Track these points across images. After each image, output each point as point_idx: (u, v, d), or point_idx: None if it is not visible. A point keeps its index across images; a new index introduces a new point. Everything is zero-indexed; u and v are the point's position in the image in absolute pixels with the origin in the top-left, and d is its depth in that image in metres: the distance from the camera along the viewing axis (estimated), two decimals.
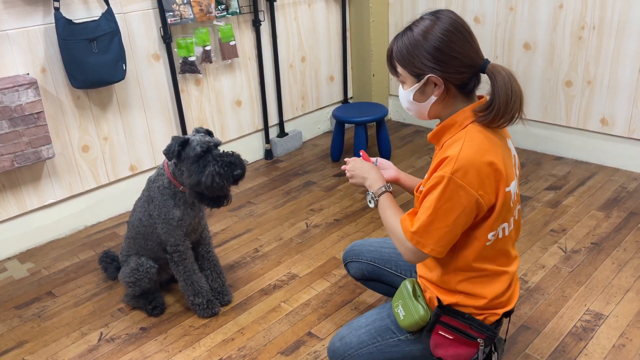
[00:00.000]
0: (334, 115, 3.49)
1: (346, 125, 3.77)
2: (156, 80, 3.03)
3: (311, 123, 4.02)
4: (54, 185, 2.79)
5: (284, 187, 3.29)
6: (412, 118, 4.15)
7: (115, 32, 2.65)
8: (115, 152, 2.97)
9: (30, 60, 2.56)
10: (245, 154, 3.44)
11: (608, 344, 1.93)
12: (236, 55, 3.27)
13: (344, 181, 3.30)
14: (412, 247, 1.38)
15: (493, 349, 1.51)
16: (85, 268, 2.60)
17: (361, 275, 1.89)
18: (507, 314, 1.51)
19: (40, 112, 2.49)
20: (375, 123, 3.56)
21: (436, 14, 1.35)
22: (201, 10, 2.99)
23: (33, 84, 2.44)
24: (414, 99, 1.41)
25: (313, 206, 3.04)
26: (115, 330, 2.17)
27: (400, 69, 1.40)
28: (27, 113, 2.45)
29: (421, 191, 1.39)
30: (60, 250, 2.77)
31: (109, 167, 2.97)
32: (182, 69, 3.08)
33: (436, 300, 1.47)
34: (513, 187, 1.39)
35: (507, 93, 1.30)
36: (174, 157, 1.93)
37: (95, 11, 2.70)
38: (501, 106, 1.31)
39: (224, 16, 3.15)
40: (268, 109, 3.65)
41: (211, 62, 3.17)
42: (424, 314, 1.45)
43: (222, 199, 2.00)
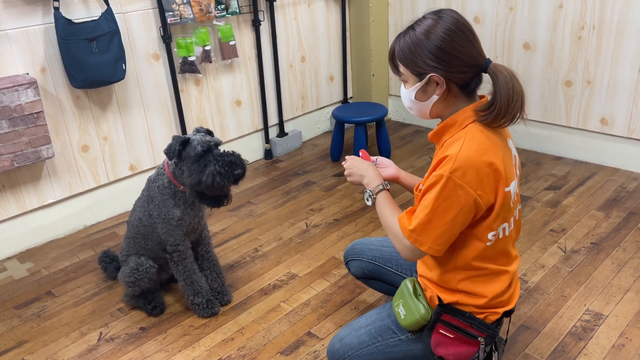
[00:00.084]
0: (334, 115, 3.49)
1: (346, 125, 3.77)
2: (156, 80, 3.03)
3: (311, 123, 4.02)
4: (54, 185, 2.79)
5: (284, 187, 3.29)
6: (412, 118, 4.15)
7: (115, 32, 2.65)
8: (115, 152, 2.97)
9: (29, 60, 2.56)
10: (245, 154, 3.44)
11: (608, 344, 1.93)
12: (236, 55, 3.27)
13: (344, 181, 3.30)
14: (410, 245, 1.38)
15: (493, 349, 1.51)
16: (84, 268, 2.59)
17: (362, 273, 1.89)
18: (508, 314, 1.51)
19: (39, 112, 2.49)
20: (375, 123, 3.56)
21: (439, 14, 1.35)
22: (201, 10, 2.99)
23: (33, 84, 2.44)
24: (416, 98, 1.41)
25: (313, 206, 3.04)
26: (114, 330, 2.17)
27: (402, 68, 1.40)
28: (27, 113, 2.45)
29: (420, 190, 1.39)
30: (59, 250, 2.76)
31: (109, 167, 2.97)
32: (182, 69, 3.08)
33: (437, 299, 1.47)
34: (513, 187, 1.39)
35: (509, 93, 1.30)
36: (175, 157, 1.93)
37: (95, 11, 2.70)
38: (502, 106, 1.31)
39: (224, 16, 3.15)
40: (268, 109, 3.65)
41: (211, 62, 3.17)
42: (425, 313, 1.45)
43: (223, 199, 2.00)
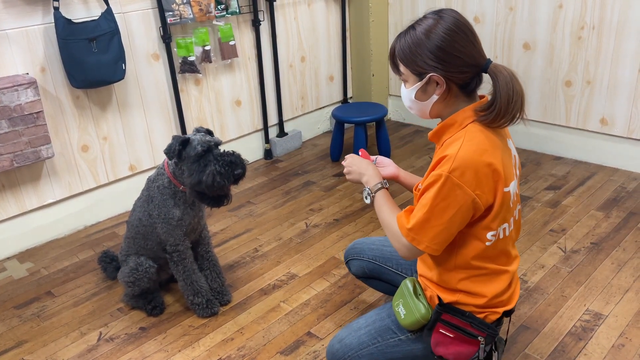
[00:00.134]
0: (334, 115, 3.49)
1: (346, 125, 3.77)
2: (156, 80, 3.03)
3: (311, 123, 4.01)
4: (54, 185, 2.79)
5: (284, 187, 3.29)
6: (412, 118, 4.15)
7: (114, 32, 2.65)
8: (114, 152, 2.97)
9: (29, 59, 2.56)
10: (244, 154, 3.43)
11: (607, 344, 1.93)
12: (236, 55, 3.27)
13: (344, 181, 3.30)
14: (407, 244, 1.38)
15: (493, 348, 1.51)
16: (84, 268, 2.59)
17: (362, 273, 1.89)
18: (508, 314, 1.51)
19: (39, 112, 2.49)
20: (374, 123, 3.56)
21: (439, 13, 1.35)
22: (201, 10, 2.99)
23: (32, 84, 2.44)
24: (416, 98, 1.41)
25: (312, 206, 3.04)
26: (114, 330, 2.17)
27: (402, 68, 1.40)
28: (27, 113, 2.45)
29: (419, 189, 1.39)
30: (59, 250, 2.76)
31: (109, 167, 2.97)
32: (182, 69, 3.08)
33: (437, 298, 1.47)
34: (512, 188, 1.39)
35: (509, 93, 1.31)
36: (175, 157, 1.93)
37: (94, 11, 2.70)
38: (502, 106, 1.31)
39: (224, 16, 3.15)
40: (268, 109, 3.65)
41: (211, 62, 3.17)
42: (425, 312, 1.46)
43: (223, 199, 2.00)
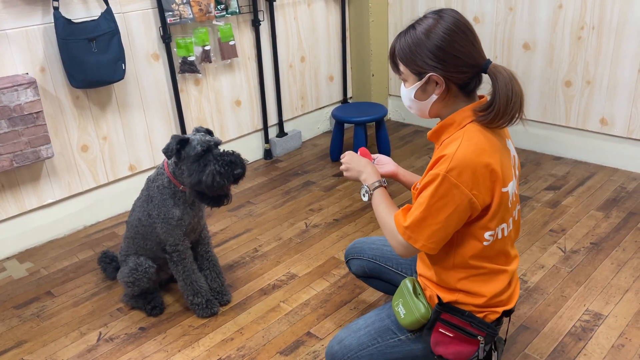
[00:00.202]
0: (334, 115, 3.49)
1: (346, 125, 3.77)
2: (155, 80, 3.03)
3: (310, 123, 4.01)
4: (53, 185, 2.79)
5: (284, 187, 3.29)
6: (412, 118, 4.15)
7: (114, 32, 2.65)
8: (114, 152, 2.97)
9: (29, 59, 2.56)
10: (244, 154, 3.43)
11: (607, 344, 1.93)
12: (235, 55, 3.27)
13: (344, 181, 3.30)
14: (404, 242, 1.39)
15: (493, 348, 1.51)
16: (84, 268, 2.59)
17: (362, 272, 1.89)
18: (507, 313, 1.51)
19: (39, 112, 2.49)
20: (374, 123, 3.56)
21: (439, 13, 1.36)
22: (200, 10, 2.99)
23: (32, 84, 2.44)
24: (415, 97, 1.41)
25: (312, 206, 3.03)
26: (114, 330, 2.17)
27: (402, 67, 1.40)
28: (26, 113, 2.45)
29: (417, 188, 1.40)
30: (59, 250, 2.76)
31: (108, 167, 2.97)
32: (182, 69, 3.08)
33: (436, 298, 1.48)
34: (511, 188, 1.39)
35: (508, 94, 1.31)
36: (173, 156, 1.93)
37: (94, 11, 2.70)
38: (501, 106, 1.32)
39: (224, 16, 3.15)
40: (267, 109, 3.65)
41: (210, 62, 3.17)
42: (425, 312, 1.46)
43: (223, 198, 2.00)
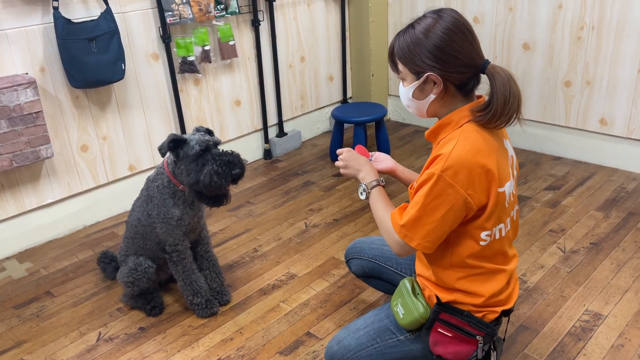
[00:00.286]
0: (333, 115, 3.49)
1: (345, 125, 3.77)
2: (155, 80, 3.03)
3: (310, 123, 4.01)
4: (53, 185, 2.79)
5: (283, 187, 3.29)
6: (411, 118, 4.15)
7: (114, 32, 2.65)
8: (114, 152, 2.97)
9: (29, 59, 2.56)
10: (244, 154, 3.44)
11: (607, 344, 1.93)
12: (235, 55, 3.27)
13: (343, 181, 3.30)
14: (400, 241, 1.39)
15: (492, 348, 1.51)
16: (83, 268, 2.59)
17: (362, 272, 1.89)
18: (506, 313, 1.52)
19: (39, 112, 2.49)
20: (374, 123, 3.56)
21: (439, 13, 1.36)
22: (200, 10, 2.99)
23: (32, 84, 2.44)
24: (413, 97, 1.42)
25: (312, 206, 3.03)
26: (113, 330, 2.17)
27: (401, 66, 1.41)
28: (26, 113, 2.45)
29: (414, 187, 1.40)
30: (59, 250, 2.76)
31: (108, 167, 2.97)
32: (181, 69, 3.08)
33: (435, 298, 1.48)
34: (508, 188, 1.39)
35: (505, 94, 1.31)
36: (168, 153, 1.94)
37: (94, 11, 2.70)
38: (499, 107, 1.32)
39: (223, 16, 3.15)
40: (267, 109, 3.65)
41: (210, 62, 3.17)
42: (424, 312, 1.46)
43: (221, 198, 2.00)
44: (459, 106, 1.39)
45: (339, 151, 1.67)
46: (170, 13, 2.90)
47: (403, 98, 1.46)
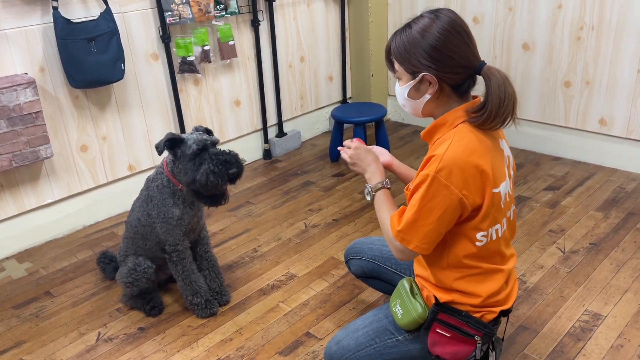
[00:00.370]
0: (333, 115, 3.49)
1: (345, 125, 3.77)
2: (155, 80, 3.03)
3: (310, 123, 4.01)
4: (52, 185, 2.79)
5: (283, 187, 3.29)
6: (411, 118, 4.15)
7: (114, 32, 2.65)
8: (113, 152, 2.97)
9: (28, 59, 2.56)
10: (243, 154, 3.44)
11: (606, 345, 1.93)
12: (235, 55, 3.27)
13: (343, 181, 3.30)
14: (399, 246, 1.40)
15: (491, 348, 1.51)
16: (83, 268, 2.59)
17: (362, 272, 1.89)
18: (505, 313, 1.51)
19: (38, 112, 2.49)
20: (374, 123, 3.56)
21: (436, 13, 1.36)
22: (200, 10, 2.99)
23: (31, 84, 2.44)
24: (409, 96, 1.42)
25: (312, 206, 3.03)
26: (113, 330, 2.17)
27: (397, 65, 1.41)
28: (26, 112, 2.45)
29: (410, 189, 1.40)
30: (58, 250, 2.76)
31: (108, 167, 2.97)
32: (181, 69, 3.08)
33: (433, 298, 1.48)
34: (503, 188, 1.39)
35: (500, 96, 1.31)
36: (164, 152, 1.94)
37: (93, 11, 2.70)
38: (494, 108, 1.32)
39: (223, 16, 3.15)
40: (267, 109, 3.65)
41: (210, 62, 3.17)
42: (422, 312, 1.46)
43: (219, 198, 1.99)
44: (454, 106, 1.39)
45: (347, 143, 1.66)
46: (169, 13, 2.90)
47: (399, 97, 1.46)
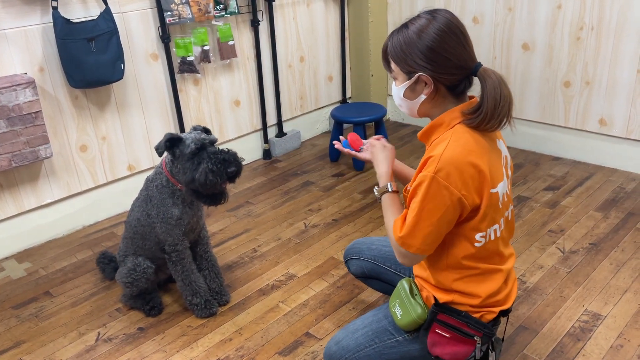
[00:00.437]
0: (333, 115, 3.49)
1: (345, 125, 3.77)
2: (154, 80, 3.03)
3: (310, 123, 4.01)
4: (52, 184, 2.79)
5: (283, 187, 3.28)
6: (411, 118, 4.15)
7: (113, 32, 2.65)
8: (113, 152, 2.97)
9: (28, 59, 2.56)
10: (243, 154, 3.44)
11: (606, 345, 1.93)
12: (235, 55, 3.27)
13: (343, 181, 3.30)
14: (403, 250, 1.40)
15: (490, 348, 1.51)
16: (82, 268, 2.59)
17: (361, 273, 1.89)
18: (505, 313, 1.51)
19: (38, 112, 2.48)
20: (373, 123, 3.56)
21: (433, 13, 1.36)
22: (200, 10, 2.99)
23: (31, 84, 2.44)
24: (405, 96, 1.42)
25: (311, 206, 3.03)
26: (112, 330, 2.17)
27: (393, 65, 1.41)
28: (25, 112, 2.45)
29: (409, 191, 1.40)
30: (58, 250, 2.76)
31: (107, 167, 2.97)
32: (181, 69, 3.08)
33: (433, 298, 1.48)
34: (501, 188, 1.39)
35: (496, 97, 1.31)
36: (163, 153, 1.94)
37: (93, 10, 2.69)
38: (489, 110, 1.32)
39: (223, 16, 3.14)
40: (266, 109, 3.65)
41: (210, 62, 3.17)
42: (422, 312, 1.46)
43: (219, 197, 1.99)
44: (450, 107, 1.39)
45: (377, 138, 1.70)
46: (169, 13, 2.90)
47: (395, 97, 1.47)
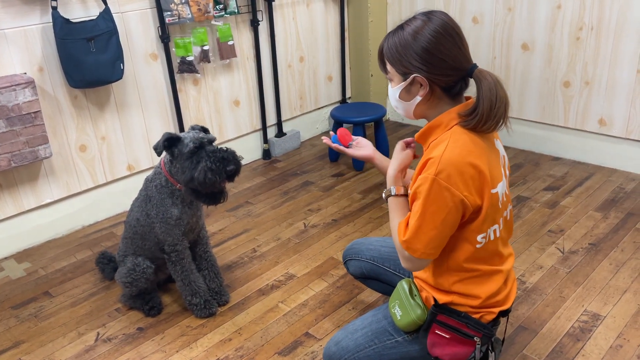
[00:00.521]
0: (332, 115, 3.49)
1: (344, 125, 3.77)
2: (154, 79, 3.03)
3: (309, 123, 4.01)
4: (51, 184, 2.79)
5: (282, 187, 3.28)
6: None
7: (113, 32, 2.65)
8: (112, 152, 2.96)
9: (27, 59, 2.56)
10: (243, 154, 3.44)
11: (605, 345, 1.93)
12: (234, 55, 3.27)
13: (342, 181, 3.30)
14: (407, 254, 1.39)
15: (490, 349, 1.51)
16: (82, 268, 2.59)
17: (360, 273, 1.89)
18: (504, 314, 1.51)
19: (37, 112, 2.48)
20: (373, 123, 3.56)
21: (428, 15, 1.36)
22: (199, 9, 2.99)
23: (30, 84, 2.44)
24: (400, 98, 1.42)
25: (311, 206, 3.03)
26: (112, 330, 2.17)
27: (389, 67, 1.41)
28: (24, 112, 2.44)
29: (409, 193, 1.40)
30: (57, 250, 2.76)
31: (107, 167, 2.96)
32: (180, 69, 3.08)
33: (432, 299, 1.48)
34: (500, 188, 1.40)
35: (492, 99, 1.31)
36: (162, 152, 1.94)
37: (93, 10, 2.69)
38: (485, 112, 1.32)
39: (222, 16, 3.14)
40: (266, 109, 3.65)
41: (209, 62, 3.17)
42: (421, 313, 1.46)
43: (218, 196, 1.99)
44: (446, 109, 1.39)
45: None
46: (169, 13, 2.90)
47: (391, 98, 1.47)
